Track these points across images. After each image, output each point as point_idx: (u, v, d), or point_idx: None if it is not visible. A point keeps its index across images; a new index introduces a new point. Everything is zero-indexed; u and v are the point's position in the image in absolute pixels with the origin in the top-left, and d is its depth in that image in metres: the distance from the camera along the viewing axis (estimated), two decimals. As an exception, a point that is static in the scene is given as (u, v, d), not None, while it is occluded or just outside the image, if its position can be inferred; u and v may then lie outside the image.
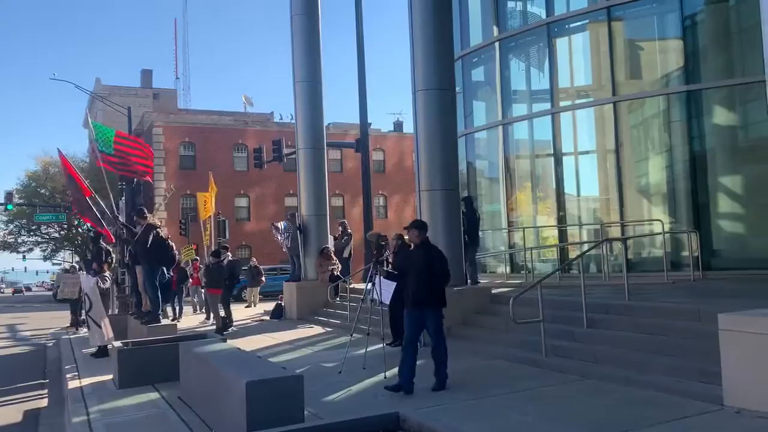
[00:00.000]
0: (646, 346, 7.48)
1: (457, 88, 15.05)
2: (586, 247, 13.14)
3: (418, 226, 7.46)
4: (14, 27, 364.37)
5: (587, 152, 15.32)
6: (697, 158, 13.15)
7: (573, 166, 15.41)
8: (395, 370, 7.20)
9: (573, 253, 14.34)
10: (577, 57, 15.59)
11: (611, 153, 14.39)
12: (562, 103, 15.37)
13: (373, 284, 8.52)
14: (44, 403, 8.67)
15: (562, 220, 15.11)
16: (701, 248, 12.23)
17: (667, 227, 12.94)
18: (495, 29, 16.75)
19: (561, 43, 15.55)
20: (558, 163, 15.28)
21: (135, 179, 12.98)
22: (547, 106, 15.52)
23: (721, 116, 13.36)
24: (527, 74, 16.47)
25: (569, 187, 15.33)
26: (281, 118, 45.97)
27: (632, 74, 14.55)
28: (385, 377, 7.64)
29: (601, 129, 14.80)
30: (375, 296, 10.67)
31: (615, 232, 13.97)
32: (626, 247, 12.67)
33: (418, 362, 8.85)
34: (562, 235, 15.14)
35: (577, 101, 15.40)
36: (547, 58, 15.42)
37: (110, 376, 8.69)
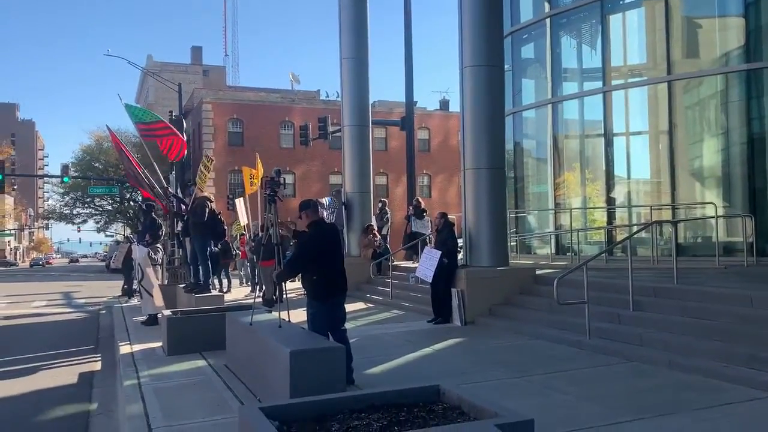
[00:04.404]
0: (694, 330, 7.32)
1: (506, 66, 14.80)
2: (634, 229, 12.87)
3: (303, 206, 6.49)
4: (68, 3, 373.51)
5: (639, 133, 14.90)
6: (755, 140, 12.66)
7: (624, 146, 15.04)
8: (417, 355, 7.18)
9: (621, 236, 14.05)
10: (631, 34, 15.13)
11: (664, 134, 13.98)
12: (615, 82, 14.96)
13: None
14: (98, 366, 9.04)
15: (610, 202, 14.80)
16: (756, 233, 11.83)
17: (720, 211, 12.56)
18: (546, 5, 16.38)
19: (615, 20, 15.10)
20: (608, 144, 14.93)
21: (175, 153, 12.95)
22: (599, 84, 15.15)
23: (782, 97, 12.81)
24: (579, 52, 16.08)
25: (619, 169, 14.98)
26: (327, 96, 46.22)
27: (689, 52, 14.04)
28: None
29: (654, 109, 14.38)
30: (417, 274, 10.76)
31: (665, 214, 13.60)
32: (676, 230, 12.32)
33: (456, 340, 8.93)
34: (611, 217, 14.84)
35: (630, 80, 14.97)
36: (599, 36, 15.01)
37: (160, 344, 8.98)
